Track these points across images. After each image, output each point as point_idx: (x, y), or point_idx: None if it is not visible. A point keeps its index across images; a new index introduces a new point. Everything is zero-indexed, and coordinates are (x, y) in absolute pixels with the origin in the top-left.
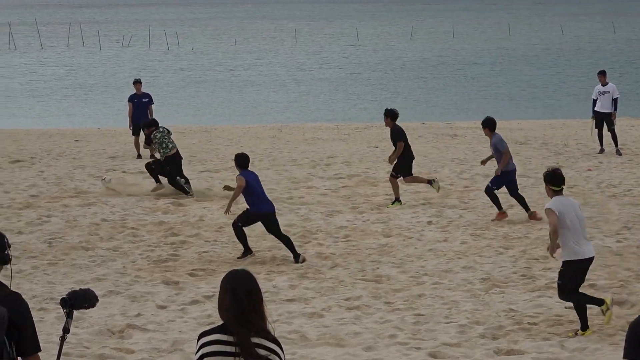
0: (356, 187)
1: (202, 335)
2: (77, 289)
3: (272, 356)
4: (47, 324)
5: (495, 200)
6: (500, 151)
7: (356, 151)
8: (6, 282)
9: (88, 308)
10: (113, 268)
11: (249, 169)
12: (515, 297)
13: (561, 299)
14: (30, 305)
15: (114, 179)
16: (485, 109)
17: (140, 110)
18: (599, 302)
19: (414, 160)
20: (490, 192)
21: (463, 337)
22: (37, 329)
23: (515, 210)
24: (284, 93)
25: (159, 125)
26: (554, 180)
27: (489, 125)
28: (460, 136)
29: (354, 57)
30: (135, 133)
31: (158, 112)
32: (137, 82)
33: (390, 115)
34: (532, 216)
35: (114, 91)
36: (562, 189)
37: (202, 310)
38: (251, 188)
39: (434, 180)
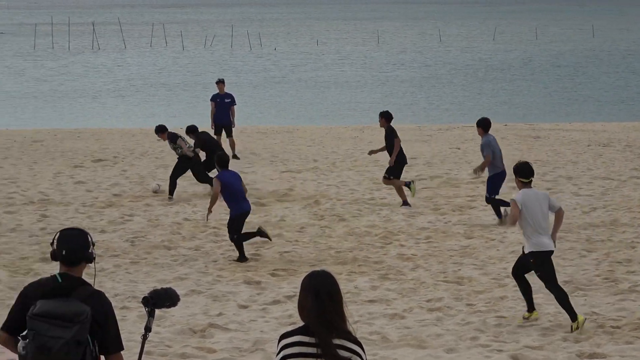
0: (438, 188)
1: (283, 336)
2: (159, 288)
3: (354, 357)
4: (129, 322)
5: (498, 206)
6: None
7: (438, 152)
8: (89, 281)
9: (170, 307)
10: (195, 267)
11: (228, 168)
12: (598, 300)
13: (547, 289)
14: (112, 304)
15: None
16: (569, 111)
17: (222, 110)
18: (530, 307)
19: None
20: (490, 200)
21: (545, 339)
22: (119, 327)
23: (598, 213)
24: (366, 94)
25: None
26: (523, 172)
27: (481, 125)
28: (543, 138)
29: (437, 58)
30: (217, 132)
31: (240, 113)
32: (219, 82)
33: (385, 117)
34: (501, 222)
35: (197, 91)
36: (531, 181)
37: (283, 310)
38: (229, 188)
39: (412, 182)
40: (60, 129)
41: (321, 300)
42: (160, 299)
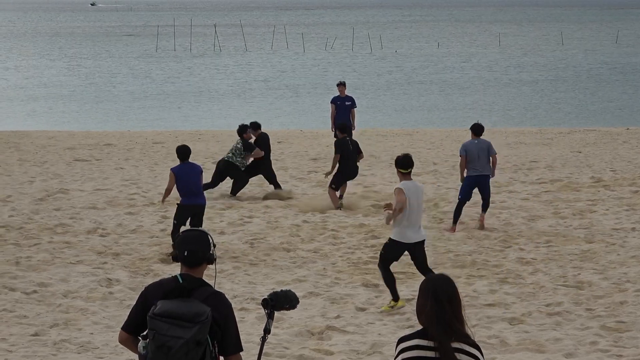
0: (558, 192)
1: (401, 340)
2: (279, 290)
3: None
4: (247, 324)
5: (455, 214)
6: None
7: (559, 156)
8: (210, 282)
9: (289, 309)
10: (313, 270)
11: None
12: None
13: (378, 267)
14: (232, 305)
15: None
16: None
17: (343, 113)
18: (395, 296)
19: (347, 178)
20: (457, 205)
21: None
22: (238, 328)
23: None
24: (487, 96)
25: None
26: (403, 164)
27: (471, 130)
28: None
29: (559, 61)
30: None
31: (360, 115)
32: (340, 85)
33: (339, 128)
34: (452, 229)
35: (319, 94)
36: (410, 172)
37: (401, 313)
38: (181, 182)
39: (341, 204)
40: (181, 130)
41: (440, 304)
42: (280, 301)
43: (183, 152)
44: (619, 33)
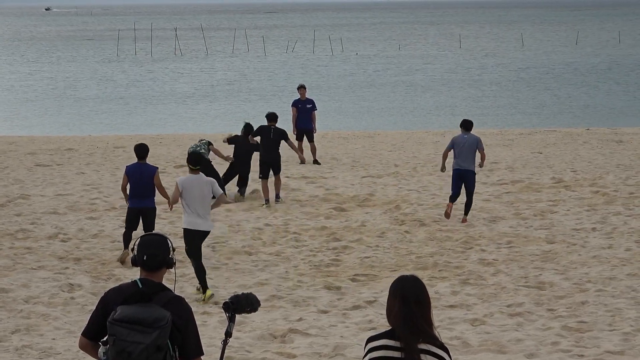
0: (519, 193)
1: (369, 340)
2: (240, 293)
3: None
4: (209, 327)
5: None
6: None
7: (520, 157)
8: (170, 286)
9: (250, 312)
10: (275, 273)
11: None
12: None
13: (189, 257)
14: (192, 309)
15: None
16: None
17: (304, 116)
18: (204, 287)
19: (269, 166)
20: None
21: (627, 344)
22: (199, 332)
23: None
24: (449, 98)
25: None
26: (191, 161)
27: (461, 125)
28: (626, 142)
29: (520, 62)
30: (299, 138)
31: (321, 118)
32: (301, 88)
33: (267, 117)
34: (463, 220)
35: (280, 97)
36: (198, 169)
37: (363, 315)
38: (131, 182)
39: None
40: (143, 134)
41: (408, 304)
42: (241, 305)
43: (139, 150)
44: (578, 34)
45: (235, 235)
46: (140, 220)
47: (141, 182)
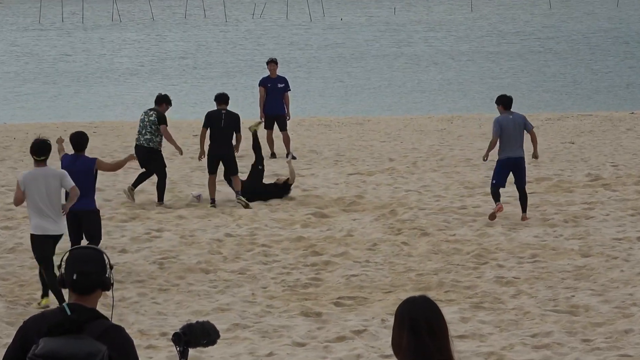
0: (546, 193)
1: None
2: (194, 321)
3: None
4: None
5: (494, 197)
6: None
7: (547, 148)
8: (106, 313)
9: (207, 345)
10: (239, 295)
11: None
12: None
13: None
14: (135, 342)
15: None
16: None
17: (275, 98)
18: (45, 293)
19: (219, 160)
20: (491, 189)
21: None
22: None
23: None
24: (456, 75)
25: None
26: (33, 150)
27: (499, 102)
28: None
29: (546, 29)
30: (268, 126)
31: (297, 100)
32: (271, 62)
33: (216, 99)
34: (498, 208)
35: (244, 73)
36: (44, 159)
37: (350, 348)
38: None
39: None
40: (72, 122)
41: (419, 335)
42: (195, 336)
43: (77, 139)
44: None
45: (188, 249)
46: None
47: (79, 179)
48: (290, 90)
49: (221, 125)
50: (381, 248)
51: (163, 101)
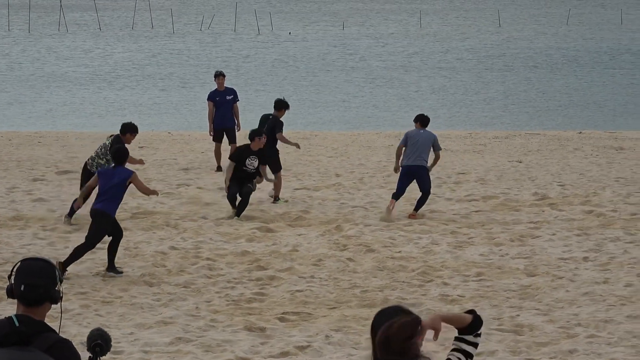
0: (493, 211)
1: None
2: (95, 329)
3: None
4: None
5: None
6: None
7: (494, 166)
8: (53, 326)
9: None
10: (183, 309)
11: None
12: None
13: None
14: (81, 356)
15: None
16: None
17: (224, 111)
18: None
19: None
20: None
21: None
22: None
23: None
24: (403, 91)
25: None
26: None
27: (417, 120)
28: (628, 149)
29: (495, 46)
30: (217, 139)
31: (244, 113)
32: (219, 76)
33: None
34: (411, 215)
35: (192, 86)
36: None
37: None
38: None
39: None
40: (17, 132)
41: (389, 350)
42: (107, 344)
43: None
44: (570, 12)
45: (131, 261)
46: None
47: (102, 186)
48: (238, 100)
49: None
50: (326, 264)
51: (127, 131)
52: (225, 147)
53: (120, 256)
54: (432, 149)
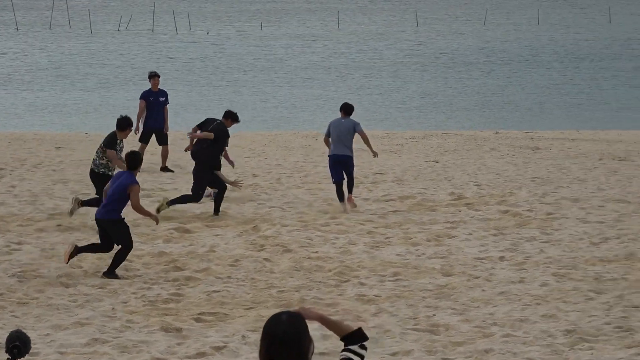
0: (409, 211)
1: None
2: (14, 330)
3: None
4: None
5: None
6: None
7: (411, 166)
8: None
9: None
10: (99, 310)
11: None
12: (608, 355)
13: None
14: None
15: None
16: (577, 116)
17: (157, 112)
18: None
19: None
20: (336, 189)
21: None
22: None
23: (610, 245)
24: (322, 91)
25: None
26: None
27: (341, 109)
28: (543, 149)
29: (413, 45)
30: (144, 140)
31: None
32: (154, 76)
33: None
34: (349, 199)
35: (110, 86)
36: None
37: None
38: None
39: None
40: None
41: (276, 353)
42: (26, 346)
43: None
44: (487, 12)
45: (48, 262)
46: None
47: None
48: (169, 103)
49: None
50: (243, 264)
51: (122, 125)
52: (152, 150)
53: (36, 257)
54: (356, 134)
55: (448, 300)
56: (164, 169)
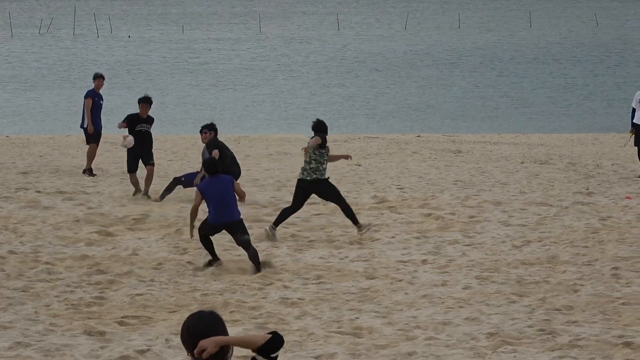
0: (332, 215)
1: None
2: None
3: None
4: None
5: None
6: None
7: (333, 170)
8: None
9: None
10: (22, 313)
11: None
12: (531, 357)
13: None
14: None
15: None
16: (498, 119)
17: (97, 114)
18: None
19: None
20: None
21: None
22: None
23: (532, 248)
24: (245, 93)
25: None
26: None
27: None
28: (465, 152)
29: (336, 50)
30: (96, 140)
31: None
32: (99, 77)
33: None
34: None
35: (30, 88)
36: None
37: None
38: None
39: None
40: None
41: (189, 349)
42: None
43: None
44: (408, 16)
45: None
46: None
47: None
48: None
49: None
50: (166, 267)
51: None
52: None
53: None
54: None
55: (371, 304)
56: (88, 172)
